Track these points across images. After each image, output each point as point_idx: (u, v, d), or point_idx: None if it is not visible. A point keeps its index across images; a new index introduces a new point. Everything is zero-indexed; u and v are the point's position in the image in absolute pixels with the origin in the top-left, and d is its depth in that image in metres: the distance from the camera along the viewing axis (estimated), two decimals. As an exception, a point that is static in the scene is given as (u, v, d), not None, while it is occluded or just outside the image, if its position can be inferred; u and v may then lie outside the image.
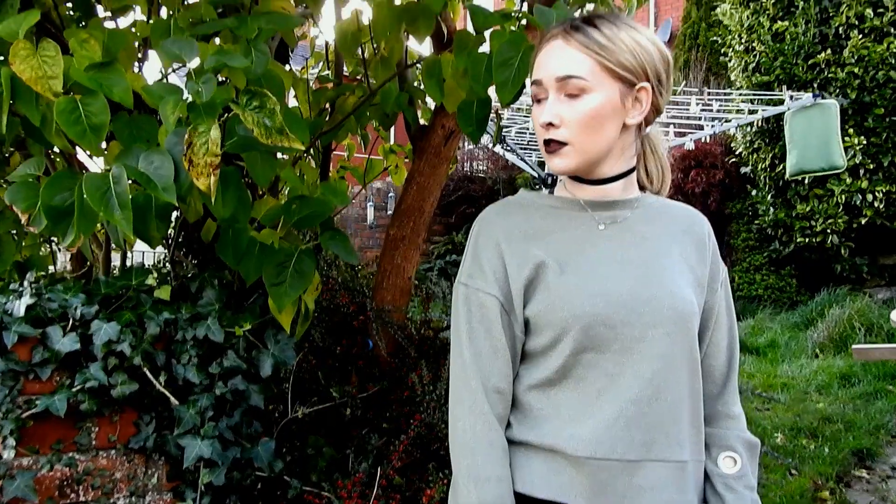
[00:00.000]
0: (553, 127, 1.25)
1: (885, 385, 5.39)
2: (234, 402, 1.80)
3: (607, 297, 1.25)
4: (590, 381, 1.27)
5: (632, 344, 1.25)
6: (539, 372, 1.31)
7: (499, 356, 1.29)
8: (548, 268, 1.28)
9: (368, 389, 2.72)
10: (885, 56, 7.01)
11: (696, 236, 1.37)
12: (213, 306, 1.83)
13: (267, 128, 1.54)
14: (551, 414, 1.29)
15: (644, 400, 1.25)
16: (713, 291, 1.38)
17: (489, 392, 1.29)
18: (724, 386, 1.42)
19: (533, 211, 1.36)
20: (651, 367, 1.26)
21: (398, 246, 2.76)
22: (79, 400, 1.60)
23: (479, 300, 1.30)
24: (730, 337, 1.42)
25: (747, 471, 1.33)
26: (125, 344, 1.62)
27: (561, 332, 1.26)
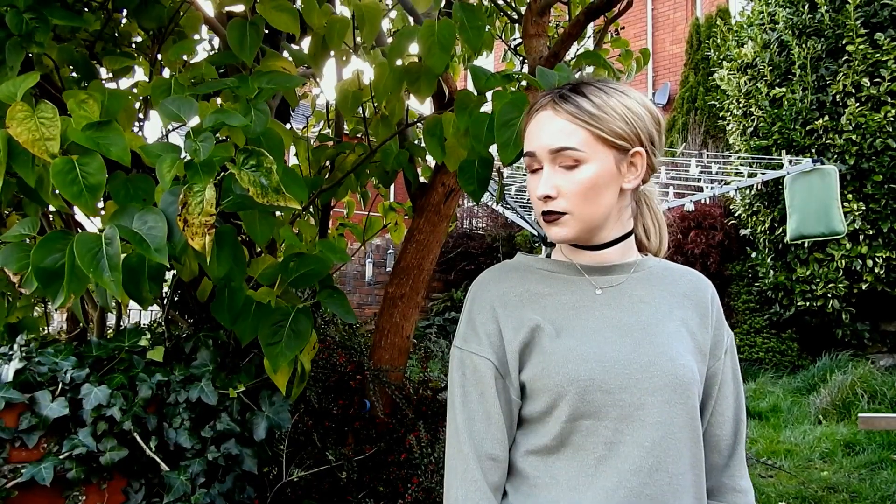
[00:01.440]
0: (550, 199, 1.24)
1: (889, 454, 5.32)
2: (227, 468, 1.74)
3: (603, 362, 1.22)
4: (589, 449, 1.23)
5: (631, 411, 1.21)
6: (536, 439, 1.27)
7: (493, 421, 1.26)
8: (543, 331, 1.26)
9: (365, 451, 2.66)
10: (883, 124, 7.10)
11: (699, 301, 1.34)
12: (208, 367, 1.79)
13: (263, 187, 1.52)
14: (549, 483, 1.25)
15: (645, 470, 1.21)
16: (716, 358, 1.33)
17: (482, 459, 1.25)
18: (731, 458, 1.36)
19: (529, 275, 1.34)
20: (651, 436, 1.21)
21: (397, 304, 2.73)
22: (66, 468, 1.54)
23: (473, 364, 1.27)
24: (736, 406, 1.36)
25: None
26: (115, 408, 1.57)
27: (557, 398, 1.23)
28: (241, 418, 1.81)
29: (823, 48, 7.59)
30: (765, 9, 8.31)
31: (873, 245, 7.27)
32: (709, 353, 1.32)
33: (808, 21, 7.73)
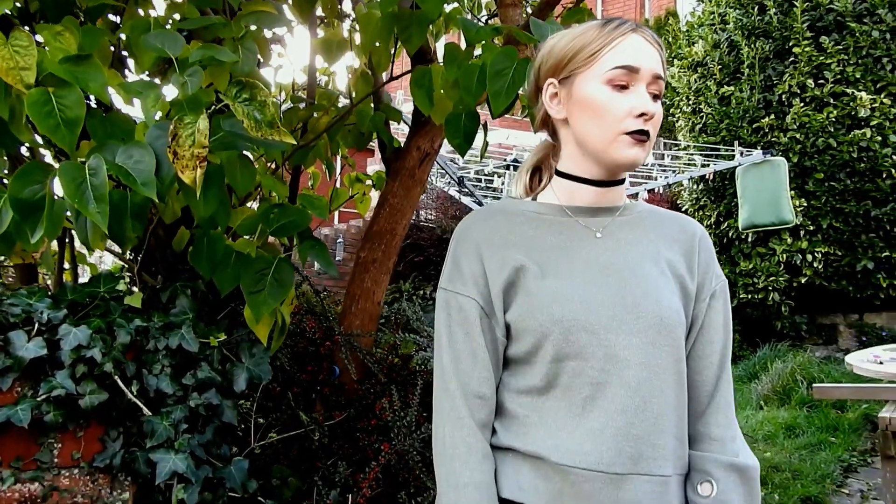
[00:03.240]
0: (648, 119, 1.23)
1: (827, 437, 5.52)
2: (207, 418, 1.68)
3: (588, 303, 1.21)
4: (576, 389, 1.22)
5: (616, 352, 1.20)
6: (525, 379, 1.26)
7: (478, 360, 1.25)
8: (528, 272, 1.25)
9: (335, 417, 2.62)
10: (825, 124, 7.36)
11: (686, 244, 1.33)
12: (187, 315, 1.72)
13: (257, 121, 1.48)
14: (537, 422, 1.24)
15: (631, 410, 1.21)
16: (701, 301, 1.32)
17: (468, 397, 1.24)
18: (709, 405, 1.33)
19: (514, 216, 1.33)
20: (636, 376, 1.21)
21: (368, 269, 2.70)
22: (43, 411, 1.47)
23: (458, 303, 1.26)
24: (721, 354, 1.34)
25: (727, 497, 1.24)
26: (95, 350, 1.50)
27: (541, 338, 1.22)
28: (221, 368, 1.75)
29: (771, 49, 7.82)
30: (715, 9, 8.52)
31: (813, 240, 7.52)
32: (694, 296, 1.32)
33: (757, 22, 7.96)
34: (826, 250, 7.48)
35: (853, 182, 7.26)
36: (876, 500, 4.46)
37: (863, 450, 5.37)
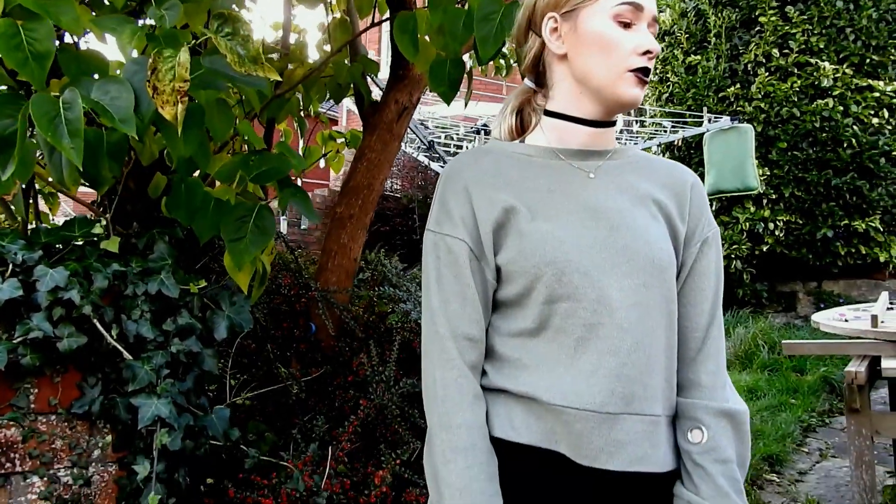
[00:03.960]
0: (651, 58, 1.22)
1: (788, 399, 5.68)
2: (187, 366, 1.65)
3: (580, 245, 1.20)
4: (568, 331, 1.22)
5: (609, 293, 1.20)
6: (516, 322, 1.25)
7: (468, 302, 1.24)
8: (518, 214, 1.23)
9: (312, 373, 2.59)
10: (789, 94, 7.46)
11: (677, 189, 1.32)
12: (166, 261, 1.68)
13: (241, 56, 1.43)
14: (529, 364, 1.24)
15: (623, 351, 1.21)
16: (692, 246, 1.32)
17: (458, 339, 1.23)
18: (699, 352, 1.32)
19: (503, 158, 1.31)
20: (629, 317, 1.21)
21: (345, 225, 2.66)
22: (19, 354, 1.42)
23: (447, 245, 1.24)
24: (712, 302, 1.33)
25: (718, 443, 1.24)
26: (73, 292, 1.45)
27: (533, 280, 1.21)
28: (201, 316, 1.71)
29: (738, 18, 7.87)
30: (683, -22, 8.55)
31: (775, 209, 7.65)
32: (684, 241, 1.32)
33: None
34: (787, 219, 7.62)
35: (815, 151, 7.39)
36: (834, 458, 4.61)
37: (821, 411, 5.54)
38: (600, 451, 1.19)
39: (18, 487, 1.45)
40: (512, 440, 1.22)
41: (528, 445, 1.22)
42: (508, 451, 1.23)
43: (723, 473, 1.25)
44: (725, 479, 1.26)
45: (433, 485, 1.21)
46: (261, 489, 1.96)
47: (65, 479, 1.51)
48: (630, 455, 1.20)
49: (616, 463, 1.20)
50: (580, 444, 1.19)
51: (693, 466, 1.25)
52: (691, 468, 1.26)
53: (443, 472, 1.18)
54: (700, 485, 1.25)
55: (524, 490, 1.24)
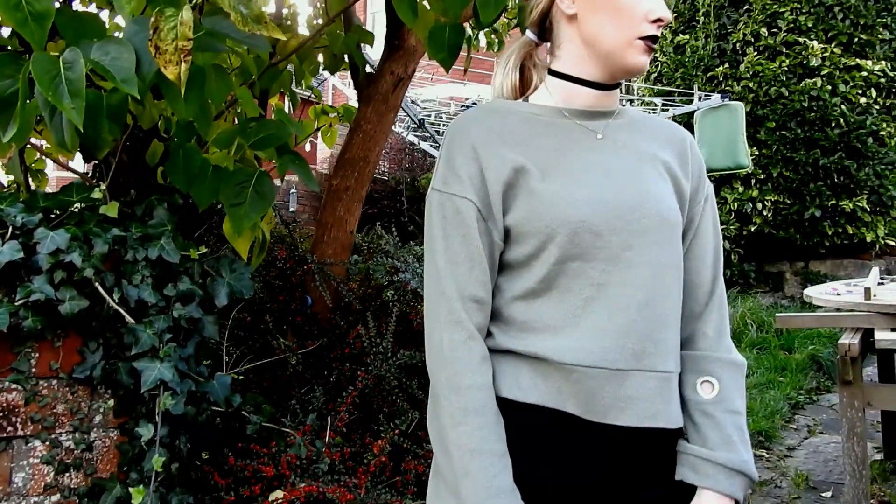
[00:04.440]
0: (660, 26, 1.21)
1: (776, 377, 5.73)
2: (188, 332, 1.64)
3: (593, 204, 1.20)
4: (576, 291, 1.22)
5: (619, 252, 1.20)
6: (522, 283, 1.24)
7: (476, 264, 1.22)
8: (528, 173, 1.22)
9: (308, 346, 2.59)
10: (778, 73, 7.46)
11: (679, 147, 1.34)
12: (166, 227, 1.66)
13: (244, 15, 1.41)
14: (536, 325, 1.23)
15: (634, 307, 1.21)
16: (696, 203, 1.34)
17: (466, 301, 1.22)
18: (707, 305, 1.37)
19: (510, 117, 1.29)
20: (640, 275, 1.21)
21: (341, 197, 2.65)
22: (21, 317, 1.40)
23: (454, 206, 1.22)
24: (715, 256, 1.37)
25: (728, 394, 1.27)
26: (74, 255, 1.44)
27: (546, 240, 1.20)
28: (202, 283, 1.70)
29: (726, -3, 7.87)
30: (672, -43, 8.51)
31: (763, 189, 7.68)
32: (689, 198, 1.33)
33: (714, -30, 7.99)
34: (776, 199, 7.65)
35: (804, 131, 7.42)
36: (822, 434, 4.67)
37: (809, 388, 5.60)
38: (611, 406, 1.19)
39: (20, 451, 1.44)
40: (519, 400, 1.22)
41: (536, 405, 1.21)
42: (515, 411, 1.22)
43: (733, 424, 1.26)
44: (735, 429, 1.27)
45: (440, 448, 1.20)
46: (261, 458, 1.96)
47: (67, 444, 1.50)
48: (642, 411, 1.20)
49: (627, 419, 1.20)
50: (590, 401, 1.18)
51: (702, 417, 1.25)
52: (700, 419, 1.26)
53: (452, 435, 1.17)
54: (709, 435, 1.25)
55: (531, 449, 1.23)
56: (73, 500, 1.50)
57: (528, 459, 1.22)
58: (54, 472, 1.47)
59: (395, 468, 2.29)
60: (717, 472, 1.23)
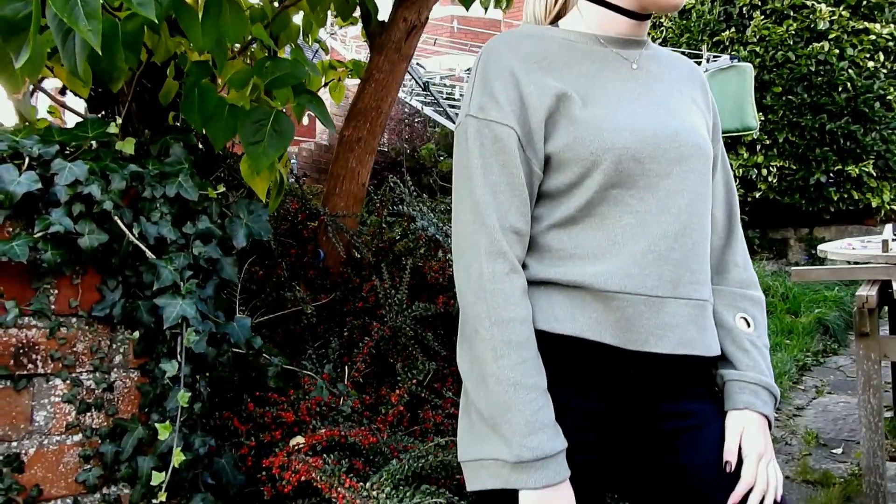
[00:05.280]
0: None
1: (783, 340, 5.74)
2: (207, 273, 1.61)
3: (634, 132, 1.19)
4: (614, 218, 1.21)
5: (657, 180, 1.21)
6: (559, 211, 1.23)
7: (517, 193, 1.20)
8: (570, 100, 1.20)
9: (321, 300, 2.56)
10: (785, 37, 7.37)
11: (698, 81, 1.35)
12: (182, 165, 1.62)
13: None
14: (574, 253, 1.22)
15: (671, 235, 1.22)
16: (716, 141, 1.36)
17: (507, 231, 1.20)
18: (728, 237, 1.41)
19: (545, 42, 1.26)
20: (677, 204, 1.22)
21: (353, 148, 2.60)
22: (40, 250, 1.37)
23: (493, 133, 1.19)
24: (727, 189, 1.40)
25: (762, 331, 1.31)
26: (93, 186, 1.40)
27: (590, 168, 1.19)
28: (220, 223, 1.67)
29: (733, -40, 7.76)
30: (677, -81, 8.37)
31: (769, 155, 7.63)
32: (711, 131, 1.34)
33: (720, -68, 7.87)
34: (781, 164, 7.60)
35: (810, 96, 7.35)
36: (830, 394, 4.67)
37: (815, 351, 5.60)
38: (649, 334, 1.19)
39: (41, 390, 1.41)
40: (555, 332, 1.20)
41: (572, 336, 1.20)
42: (550, 343, 1.21)
43: (764, 359, 1.31)
44: (766, 364, 1.31)
45: (478, 383, 1.17)
46: (280, 405, 1.93)
47: (87, 384, 1.47)
48: (678, 338, 1.21)
49: (664, 345, 1.20)
50: (630, 329, 1.18)
51: (750, 346, 1.29)
52: (749, 347, 1.30)
53: (492, 368, 1.14)
54: (757, 362, 1.28)
55: (566, 381, 1.22)
56: (95, 441, 1.47)
57: (562, 390, 1.21)
58: (76, 411, 1.44)
59: (413, 419, 2.27)
60: (761, 393, 1.26)
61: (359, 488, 1.35)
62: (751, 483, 1.18)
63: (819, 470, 3.41)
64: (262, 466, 1.72)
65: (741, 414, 1.25)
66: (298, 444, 1.77)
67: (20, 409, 1.38)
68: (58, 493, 1.41)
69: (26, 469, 1.37)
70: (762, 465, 1.21)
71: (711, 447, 1.23)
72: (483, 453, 1.17)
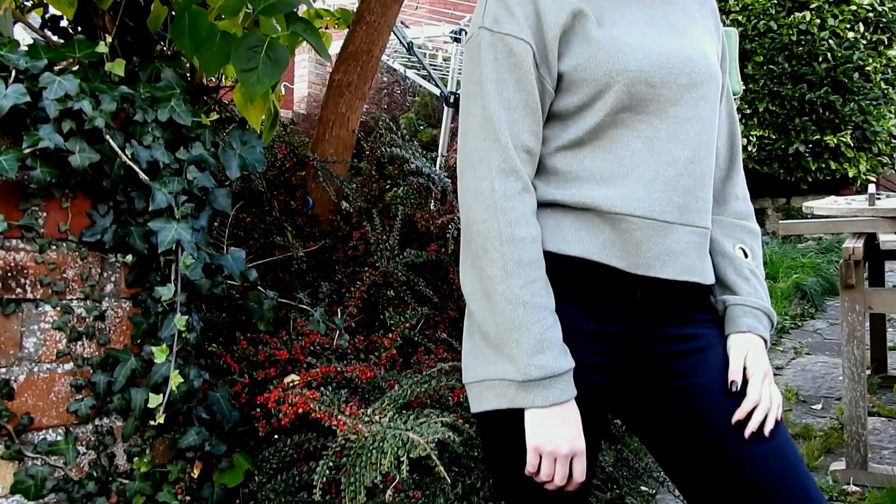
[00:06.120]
0: None
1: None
2: (201, 202, 1.56)
3: (649, 55, 1.18)
4: (622, 142, 1.20)
5: (667, 106, 1.20)
6: (568, 133, 1.21)
7: (530, 112, 1.18)
8: (586, 18, 1.18)
9: (310, 247, 2.52)
10: (767, 6, 7.37)
11: (711, 9, 1.34)
12: (174, 90, 1.56)
13: None
14: (582, 175, 1.21)
15: (681, 162, 1.21)
16: (724, 70, 1.34)
17: (519, 150, 1.17)
18: (729, 169, 1.42)
19: None
20: (687, 130, 1.22)
21: (343, 93, 2.55)
22: (29, 167, 1.31)
23: (507, 47, 1.16)
24: (730, 121, 1.40)
25: (759, 262, 1.32)
26: (84, 102, 1.34)
27: (602, 89, 1.17)
28: (213, 151, 1.62)
29: (716, -73, 7.70)
30: None
31: (749, 124, 7.66)
32: (720, 60, 1.33)
33: None
34: (761, 134, 7.63)
35: (791, 65, 7.37)
36: (808, 355, 4.74)
37: (793, 314, 5.66)
38: (655, 259, 1.19)
39: (31, 315, 1.36)
40: (563, 253, 1.19)
41: (579, 258, 1.19)
42: (557, 264, 1.19)
43: (763, 287, 1.32)
44: (765, 292, 1.32)
45: (483, 303, 1.15)
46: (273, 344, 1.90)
47: (78, 311, 1.43)
48: (682, 265, 1.21)
49: (669, 271, 1.20)
50: (637, 253, 1.18)
51: (750, 274, 1.32)
52: (748, 276, 1.32)
53: (501, 287, 1.12)
54: (757, 290, 1.30)
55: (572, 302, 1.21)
56: (87, 370, 1.43)
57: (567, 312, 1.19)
58: (66, 339, 1.40)
59: (405, 365, 2.25)
60: (762, 318, 1.27)
61: (360, 415, 1.33)
62: (756, 401, 1.18)
63: (800, 424, 3.46)
64: (256, 404, 1.69)
65: (744, 336, 1.25)
66: (293, 380, 1.74)
67: (9, 335, 1.33)
68: (49, 422, 1.37)
69: (16, 396, 1.33)
70: (766, 385, 1.21)
71: (716, 368, 1.23)
72: (489, 374, 1.16)
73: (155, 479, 1.48)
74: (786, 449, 1.18)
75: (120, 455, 1.47)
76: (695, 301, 1.28)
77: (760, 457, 1.16)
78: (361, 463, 1.15)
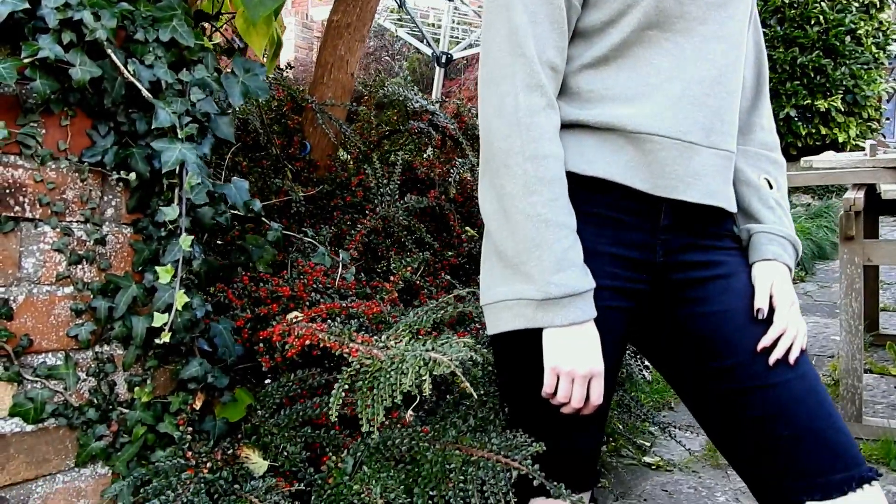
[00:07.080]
0: None
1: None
2: (203, 128, 1.51)
3: None
4: (647, 59, 1.18)
5: (694, 24, 1.18)
6: (592, 51, 1.19)
7: (556, 27, 1.15)
8: None
9: (308, 192, 2.47)
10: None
11: None
12: (176, 11, 1.50)
13: None
14: (605, 95, 1.18)
15: (707, 82, 1.19)
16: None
17: (544, 65, 1.14)
18: (755, 99, 1.40)
19: None
20: (714, 50, 1.20)
21: (342, 34, 2.49)
22: (28, 78, 1.25)
23: None
24: (758, 50, 1.41)
25: (784, 192, 1.32)
26: (85, 13, 1.28)
27: (630, 4, 1.14)
28: (216, 75, 1.56)
29: None
30: None
31: (740, 89, 7.63)
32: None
33: None
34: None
35: (783, 28, 7.35)
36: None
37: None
38: (679, 181, 1.17)
39: (30, 235, 1.31)
40: (586, 173, 1.17)
41: (602, 178, 1.17)
42: (579, 185, 1.17)
43: (787, 217, 1.33)
44: (790, 222, 1.31)
45: (502, 221, 1.13)
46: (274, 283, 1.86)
47: (78, 234, 1.38)
48: (705, 187, 1.20)
49: (693, 194, 1.18)
50: (661, 174, 1.16)
51: (776, 204, 1.33)
52: (774, 205, 1.32)
53: (522, 204, 1.10)
54: (783, 219, 1.30)
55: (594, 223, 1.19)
56: (87, 295, 1.39)
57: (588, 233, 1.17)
58: (66, 261, 1.35)
59: (408, 303, 2.22)
60: (787, 247, 1.26)
61: (373, 342, 1.30)
62: (783, 328, 1.16)
63: (794, 379, 3.47)
64: (258, 339, 1.66)
65: (770, 264, 1.24)
66: (297, 316, 1.71)
67: (7, 254, 1.28)
68: (48, 345, 1.33)
69: (15, 317, 1.29)
70: (793, 313, 1.19)
71: (739, 296, 1.22)
72: (507, 294, 1.13)
73: (156, 409, 1.45)
74: (810, 375, 1.17)
75: (121, 384, 1.43)
76: (718, 227, 1.26)
77: (785, 383, 1.15)
78: (379, 385, 1.12)
